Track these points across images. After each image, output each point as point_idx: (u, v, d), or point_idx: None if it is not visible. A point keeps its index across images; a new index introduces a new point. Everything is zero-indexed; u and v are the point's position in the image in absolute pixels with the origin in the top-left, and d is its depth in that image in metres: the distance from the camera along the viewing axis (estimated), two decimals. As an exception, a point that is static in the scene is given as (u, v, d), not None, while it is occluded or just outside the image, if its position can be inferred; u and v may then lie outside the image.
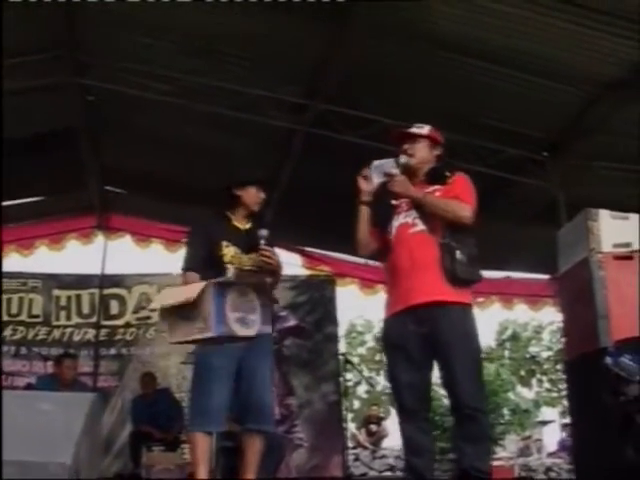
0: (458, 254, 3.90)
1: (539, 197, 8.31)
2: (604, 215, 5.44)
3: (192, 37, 6.99)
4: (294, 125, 7.99)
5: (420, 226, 4.00)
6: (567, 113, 7.27)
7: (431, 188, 4.09)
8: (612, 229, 5.41)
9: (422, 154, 4.17)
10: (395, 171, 4.06)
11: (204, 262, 4.36)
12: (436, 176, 4.14)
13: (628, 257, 5.30)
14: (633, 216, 5.48)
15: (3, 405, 2.62)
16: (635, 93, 6.52)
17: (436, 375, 4.07)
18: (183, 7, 6.25)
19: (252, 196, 4.49)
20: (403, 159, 4.11)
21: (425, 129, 4.25)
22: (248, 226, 4.50)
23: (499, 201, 8.42)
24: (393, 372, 4.02)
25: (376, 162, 4.17)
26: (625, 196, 7.39)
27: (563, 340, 6.81)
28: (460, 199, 4.01)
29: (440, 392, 7.65)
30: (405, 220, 4.04)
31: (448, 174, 4.14)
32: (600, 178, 7.89)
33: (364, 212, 4.14)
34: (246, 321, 3.85)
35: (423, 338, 3.86)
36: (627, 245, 5.33)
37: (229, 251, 4.37)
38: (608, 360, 4.75)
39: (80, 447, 2.54)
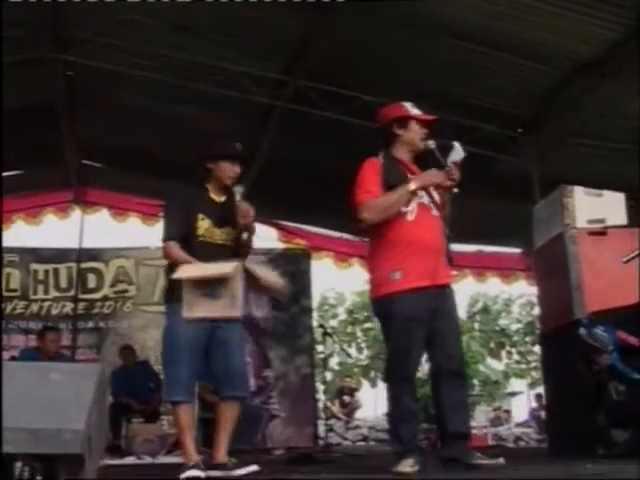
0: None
1: (514, 173, 8.46)
2: (579, 192, 5.64)
3: (173, 14, 6.99)
4: (274, 101, 8.06)
5: (436, 212, 4.28)
6: (542, 91, 7.44)
7: None
8: (586, 205, 5.61)
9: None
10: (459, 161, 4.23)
11: (182, 234, 4.44)
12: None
13: (602, 233, 5.50)
14: (607, 193, 5.69)
15: (17, 376, 2.73)
16: (608, 73, 6.68)
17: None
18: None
19: (224, 170, 4.52)
20: (433, 144, 4.30)
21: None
22: (223, 199, 4.56)
23: (474, 177, 8.55)
24: (406, 344, 4.14)
25: (459, 145, 4.26)
26: (598, 173, 7.59)
27: (538, 313, 7.01)
28: None
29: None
30: (422, 201, 4.24)
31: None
32: (573, 155, 8.07)
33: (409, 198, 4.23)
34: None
35: (437, 312, 4.16)
36: (601, 221, 5.53)
37: (203, 224, 4.44)
38: (582, 331, 4.95)
39: (91, 415, 2.65)
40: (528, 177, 8.04)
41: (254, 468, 4.25)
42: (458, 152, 4.23)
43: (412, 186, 4.16)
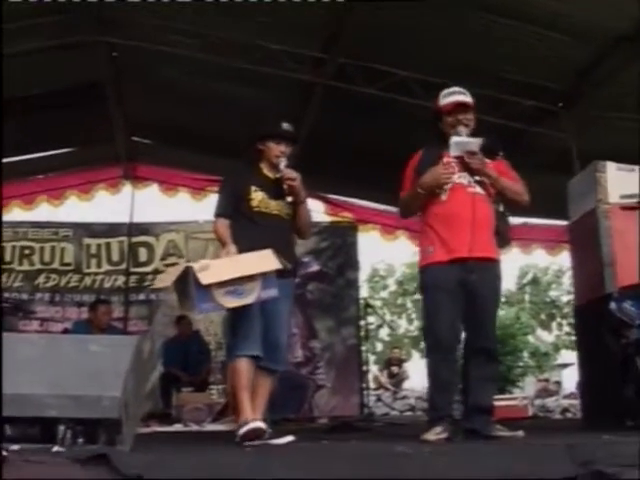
0: (509, 222, 4.59)
1: (554, 147, 8.47)
2: (611, 167, 5.67)
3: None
4: (314, 78, 8.18)
5: (478, 189, 4.39)
6: (580, 66, 7.43)
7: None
8: (619, 181, 5.64)
9: (472, 125, 4.51)
10: (477, 150, 4.35)
11: (235, 209, 4.61)
12: (487, 151, 4.45)
13: (634, 208, 5.53)
14: (640, 168, 5.70)
15: (62, 348, 2.95)
16: (645, 47, 6.68)
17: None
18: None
19: (272, 149, 4.66)
20: (463, 131, 4.41)
21: (470, 98, 4.58)
22: (278, 175, 4.65)
23: (516, 151, 8.56)
24: (436, 313, 4.36)
25: (457, 139, 4.38)
26: (637, 146, 7.56)
27: (573, 286, 7.06)
28: (519, 183, 4.58)
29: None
30: (460, 181, 4.40)
31: (500, 154, 4.60)
32: (612, 129, 8.04)
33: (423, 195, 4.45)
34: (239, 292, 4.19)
35: (468, 285, 4.31)
36: (633, 196, 5.56)
37: (257, 196, 4.60)
38: (612, 305, 5.02)
39: (127, 383, 2.85)
40: (568, 151, 8.07)
41: (290, 438, 4.27)
42: (462, 144, 4.34)
43: (419, 189, 4.40)
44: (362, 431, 5.88)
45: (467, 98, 4.56)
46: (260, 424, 4.16)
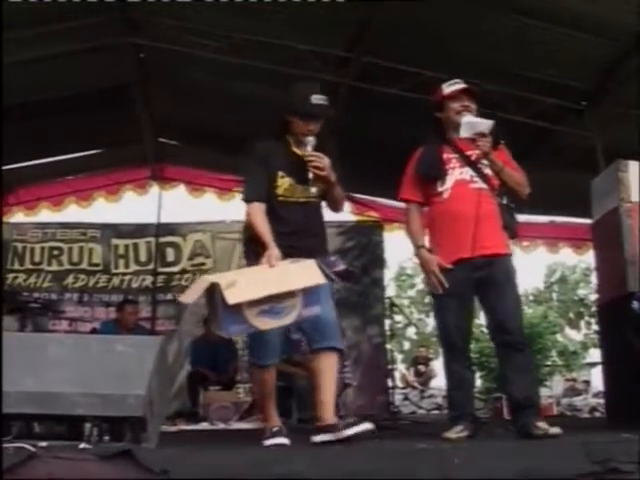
0: (514, 214, 4.48)
1: (579, 145, 8.45)
2: (634, 166, 5.67)
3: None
4: (338, 78, 8.21)
5: (480, 184, 4.37)
6: (602, 64, 7.44)
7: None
8: (642, 180, 5.64)
9: (475, 114, 4.47)
10: (488, 132, 4.32)
11: (266, 191, 4.28)
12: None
13: (657, 206, 5.53)
14: (663, 167, 5.70)
15: (89, 348, 3.03)
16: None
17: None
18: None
19: (299, 126, 4.33)
20: (465, 119, 4.36)
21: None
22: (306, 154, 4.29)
23: (540, 150, 8.62)
24: (444, 318, 4.41)
25: (468, 118, 4.35)
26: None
27: (596, 285, 7.06)
28: (520, 173, 4.50)
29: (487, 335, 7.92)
30: (462, 177, 4.39)
31: (502, 142, 4.52)
32: (637, 126, 8.02)
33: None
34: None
35: (477, 283, 4.29)
36: (656, 195, 5.56)
37: (283, 182, 4.29)
38: (634, 304, 5.03)
39: (152, 382, 2.91)
40: (593, 149, 8.06)
41: (367, 426, 3.94)
42: (473, 125, 4.30)
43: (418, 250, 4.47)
44: (385, 429, 5.91)
45: (472, 86, 4.55)
46: (284, 440, 3.97)
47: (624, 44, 7.04)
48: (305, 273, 3.78)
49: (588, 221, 11.19)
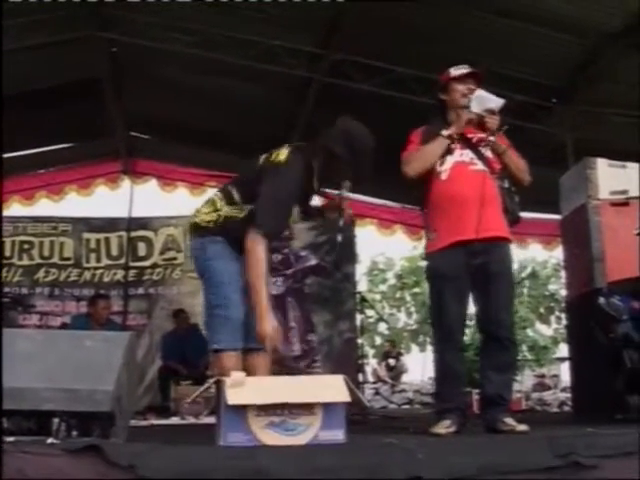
0: (516, 198, 4.38)
1: (548, 142, 8.55)
2: (602, 163, 5.74)
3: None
4: (310, 74, 8.25)
5: (480, 166, 4.24)
6: (573, 62, 7.56)
7: (481, 134, 4.32)
8: (609, 177, 5.70)
9: None
10: (497, 110, 4.26)
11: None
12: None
13: (624, 204, 5.60)
14: (630, 165, 5.77)
15: (58, 343, 3.03)
16: (638, 42, 6.75)
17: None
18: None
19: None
20: (471, 99, 4.29)
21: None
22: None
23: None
24: (442, 303, 4.21)
25: (481, 92, 4.29)
26: (631, 142, 7.63)
27: (565, 280, 7.14)
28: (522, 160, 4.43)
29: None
30: (462, 159, 4.25)
31: (505, 127, 4.40)
32: (606, 125, 8.13)
33: (445, 144, 4.26)
34: None
35: (474, 269, 4.16)
36: (623, 192, 5.62)
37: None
38: (601, 300, 5.08)
39: (120, 377, 2.92)
40: (563, 146, 8.14)
41: None
42: (486, 100, 4.24)
43: (445, 132, 4.23)
44: (355, 424, 5.94)
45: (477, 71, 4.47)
46: None
47: (595, 43, 7.15)
48: (330, 388, 3.24)
49: (558, 217, 11.35)
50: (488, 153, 4.32)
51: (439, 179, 4.25)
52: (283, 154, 3.91)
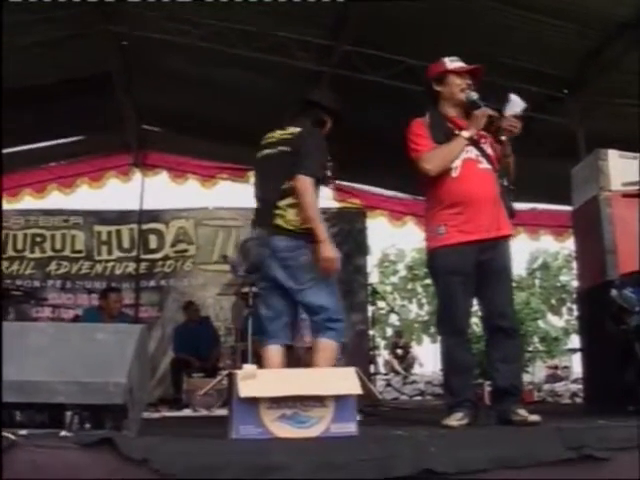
0: (512, 196, 4.34)
1: (560, 133, 8.50)
2: (613, 155, 5.71)
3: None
4: (320, 67, 8.23)
5: (486, 164, 4.26)
6: (584, 53, 7.49)
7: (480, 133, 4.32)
8: (621, 168, 5.68)
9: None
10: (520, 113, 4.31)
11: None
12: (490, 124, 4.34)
13: (636, 195, 5.57)
14: (643, 155, 5.75)
15: (69, 337, 3.05)
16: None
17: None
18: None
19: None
20: (475, 95, 4.31)
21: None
22: None
23: (522, 137, 8.64)
24: (452, 298, 4.22)
25: (515, 96, 4.35)
26: (642, 132, 7.60)
27: (577, 272, 7.12)
28: None
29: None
30: (469, 155, 4.24)
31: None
32: (618, 115, 8.09)
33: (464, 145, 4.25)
34: None
35: (479, 265, 4.18)
36: (635, 184, 5.60)
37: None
38: (613, 292, 5.06)
39: (132, 370, 2.93)
40: (574, 137, 8.11)
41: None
42: (517, 104, 4.29)
43: (466, 134, 4.20)
44: (366, 415, 5.94)
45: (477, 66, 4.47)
46: None
47: (606, 33, 7.09)
48: (341, 380, 3.31)
49: (569, 208, 11.32)
50: (489, 151, 4.33)
51: (449, 176, 4.23)
52: (302, 123, 4.56)
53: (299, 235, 4.27)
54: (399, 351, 14.22)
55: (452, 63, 4.44)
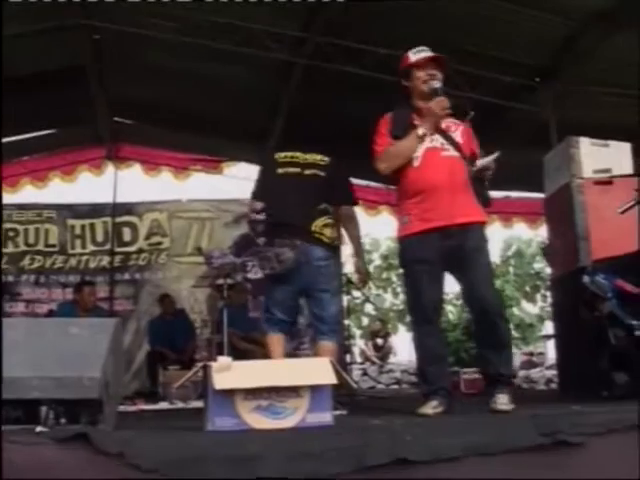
0: (486, 182, 4.29)
1: (533, 121, 8.56)
2: (585, 142, 5.76)
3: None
4: (294, 58, 8.22)
5: (452, 152, 4.25)
6: (557, 41, 7.55)
7: (450, 120, 4.34)
8: (592, 156, 5.74)
9: (441, 80, 4.35)
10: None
11: None
12: (459, 112, 4.38)
13: (607, 182, 5.62)
14: (613, 143, 5.80)
15: (44, 331, 3.03)
16: (622, 22, 6.75)
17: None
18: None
19: None
20: (437, 84, 4.28)
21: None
22: None
23: (494, 126, 8.69)
24: (418, 286, 4.23)
25: (482, 161, 4.23)
26: (614, 121, 7.66)
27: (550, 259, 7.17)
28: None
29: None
30: (433, 145, 4.25)
31: (472, 113, 4.40)
32: (590, 103, 8.15)
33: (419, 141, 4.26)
34: None
35: (448, 253, 4.17)
36: (607, 171, 5.65)
37: None
38: (585, 279, 5.12)
39: (107, 364, 2.93)
40: (546, 125, 8.16)
41: (341, 412, 4.14)
42: (488, 164, 4.21)
43: (420, 131, 4.20)
44: (342, 404, 5.95)
45: (439, 55, 4.42)
46: None
47: (579, 22, 7.14)
48: (316, 370, 3.35)
49: (542, 196, 11.39)
50: (458, 138, 4.33)
51: (411, 165, 4.25)
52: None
53: (332, 248, 4.94)
54: (379, 340, 14.22)
55: (415, 55, 4.43)
